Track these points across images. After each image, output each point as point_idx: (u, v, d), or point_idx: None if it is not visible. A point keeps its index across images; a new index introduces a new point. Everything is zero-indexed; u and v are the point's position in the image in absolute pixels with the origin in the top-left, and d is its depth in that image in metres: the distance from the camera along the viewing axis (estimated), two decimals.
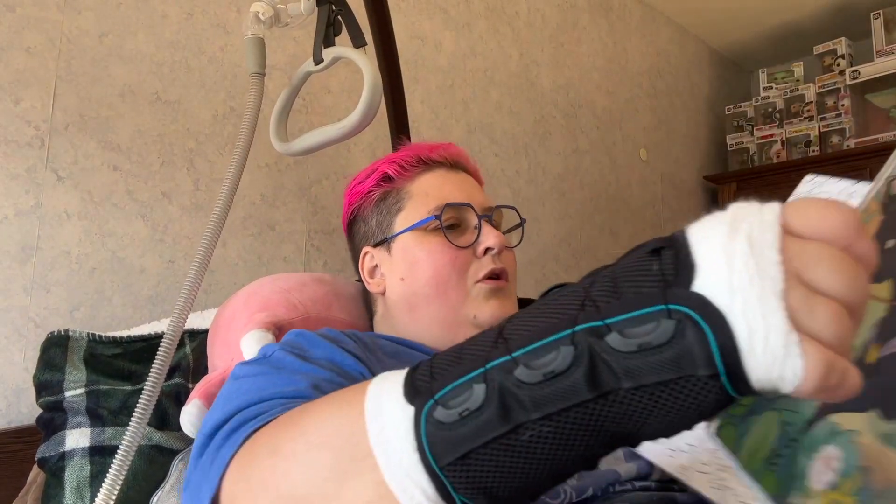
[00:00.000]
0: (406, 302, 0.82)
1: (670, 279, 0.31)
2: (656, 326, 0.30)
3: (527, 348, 0.33)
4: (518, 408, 0.32)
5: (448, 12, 1.92)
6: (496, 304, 0.79)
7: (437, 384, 0.35)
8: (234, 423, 0.53)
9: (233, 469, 0.49)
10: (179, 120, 1.33)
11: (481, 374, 0.33)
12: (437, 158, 0.86)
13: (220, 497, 0.49)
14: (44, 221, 1.14)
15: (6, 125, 1.11)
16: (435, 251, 0.80)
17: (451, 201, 0.81)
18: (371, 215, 0.87)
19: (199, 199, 1.34)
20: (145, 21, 1.30)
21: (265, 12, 0.89)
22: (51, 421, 0.88)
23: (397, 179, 0.86)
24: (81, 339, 0.93)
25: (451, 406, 0.33)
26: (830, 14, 2.79)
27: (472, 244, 0.80)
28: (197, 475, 0.54)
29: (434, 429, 0.34)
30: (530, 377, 0.32)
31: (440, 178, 0.85)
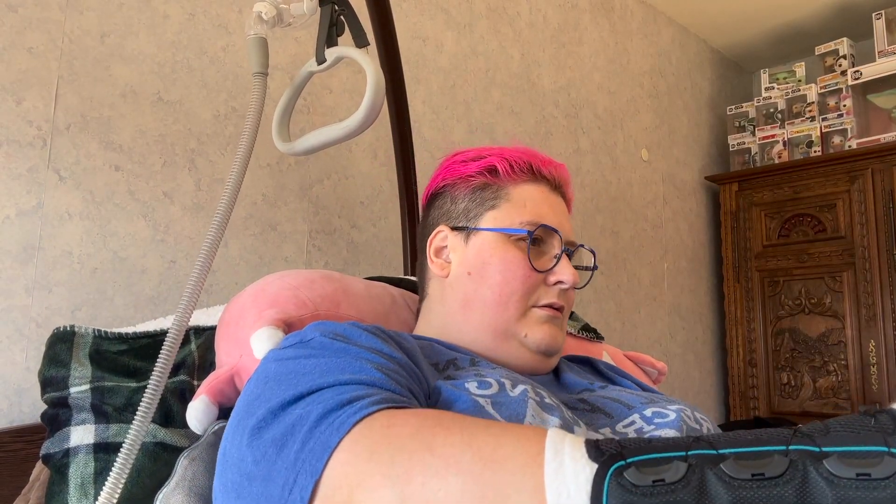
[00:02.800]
0: (465, 296, 0.81)
1: (889, 430, 0.34)
2: (878, 462, 0.32)
3: (736, 449, 0.35)
4: (713, 497, 0.34)
5: (449, 13, 1.92)
6: (548, 330, 0.79)
7: (627, 451, 0.37)
8: (326, 404, 0.52)
9: (353, 450, 0.48)
10: (181, 120, 1.33)
11: (682, 455, 0.36)
12: (545, 174, 0.86)
13: (331, 476, 0.48)
14: (45, 221, 1.14)
15: (8, 125, 1.11)
16: (512, 262, 0.79)
17: (546, 223, 0.81)
18: (462, 198, 0.85)
19: (201, 199, 1.34)
20: (147, 21, 1.30)
21: (268, 12, 0.89)
22: (55, 417, 0.88)
23: (503, 177, 0.84)
24: (87, 336, 0.93)
25: (645, 472, 0.36)
26: (832, 14, 2.79)
27: (546, 270, 0.80)
28: (274, 453, 0.52)
29: (618, 488, 0.36)
30: (737, 472, 0.34)
31: (541, 195, 0.84)
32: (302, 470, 0.50)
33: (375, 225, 1.64)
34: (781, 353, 2.62)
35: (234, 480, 0.57)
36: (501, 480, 0.41)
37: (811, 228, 2.59)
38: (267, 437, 0.54)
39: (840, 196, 2.53)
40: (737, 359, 2.71)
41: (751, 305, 2.69)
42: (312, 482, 0.49)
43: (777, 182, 2.68)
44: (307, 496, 0.49)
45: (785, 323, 2.62)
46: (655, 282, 2.56)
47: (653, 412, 0.70)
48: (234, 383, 0.86)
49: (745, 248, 2.73)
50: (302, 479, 0.50)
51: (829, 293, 2.52)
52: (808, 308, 2.56)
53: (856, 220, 2.47)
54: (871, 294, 2.41)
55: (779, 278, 2.65)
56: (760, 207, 2.72)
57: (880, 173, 2.44)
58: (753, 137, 2.87)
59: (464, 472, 0.43)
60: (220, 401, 0.86)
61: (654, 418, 0.69)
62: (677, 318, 2.66)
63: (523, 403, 0.62)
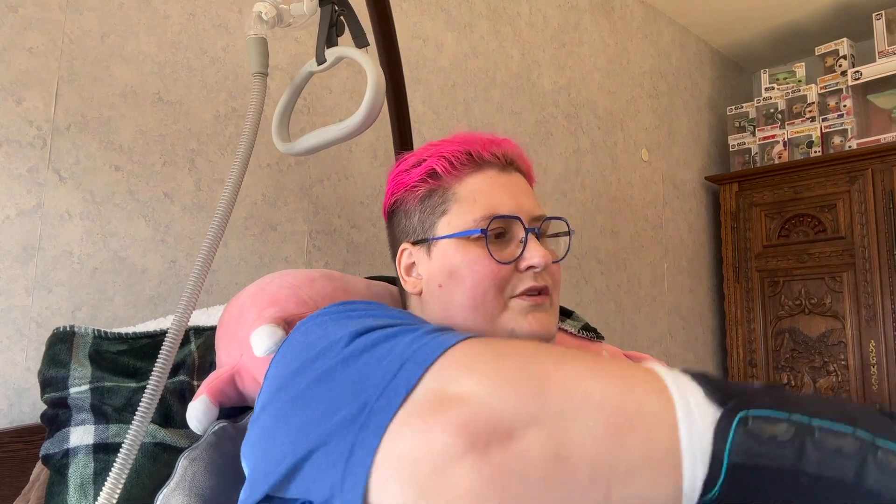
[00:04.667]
0: (443, 308, 0.79)
1: None
2: None
3: (824, 423, 0.43)
4: (807, 459, 0.42)
5: (449, 13, 1.92)
6: (534, 320, 0.76)
7: (744, 402, 0.43)
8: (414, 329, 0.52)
9: (473, 346, 0.48)
10: (181, 120, 1.33)
11: (787, 418, 0.43)
12: (488, 158, 0.81)
13: (445, 366, 0.46)
14: (45, 221, 1.14)
15: (8, 125, 1.11)
16: (475, 262, 0.76)
17: (499, 213, 0.77)
18: (414, 211, 0.82)
19: (201, 200, 1.34)
20: (147, 21, 1.30)
21: (268, 12, 0.89)
22: (55, 417, 0.88)
23: (445, 178, 0.81)
24: (87, 336, 0.93)
25: (762, 427, 0.42)
26: (832, 15, 2.79)
27: (515, 259, 0.77)
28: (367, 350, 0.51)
29: (744, 436, 0.42)
30: (826, 445, 0.42)
31: (490, 182, 0.80)
32: (410, 359, 0.47)
33: (375, 225, 1.64)
34: (781, 353, 2.62)
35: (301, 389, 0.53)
36: (636, 398, 0.44)
37: (811, 228, 2.59)
38: (351, 349, 0.52)
39: (840, 196, 2.52)
40: (737, 359, 2.71)
41: (751, 306, 2.69)
42: (423, 368, 0.46)
43: (777, 182, 2.68)
44: (414, 381, 0.45)
45: (785, 323, 2.62)
46: (655, 282, 2.56)
47: None
48: (235, 383, 0.86)
49: (746, 248, 2.73)
50: (410, 366, 0.47)
51: (829, 293, 2.52)
52: (809, 308, 2.56)
53: (856, 221, 2.47)
54: (871, 294, 2.41)
55: (779, 278, 2.65)
56: (760, 207, 2.72)
57: (880, 173, 2.44)
58: (753, 137, 2.87)
59: (602, 380, 0.45)
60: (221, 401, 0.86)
61: None
62: (677, 319, 2.66)
63: None
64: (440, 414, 0.43)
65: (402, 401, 0.45)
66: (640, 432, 0.42)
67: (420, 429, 0.44)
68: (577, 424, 0.42)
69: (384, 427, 0.45)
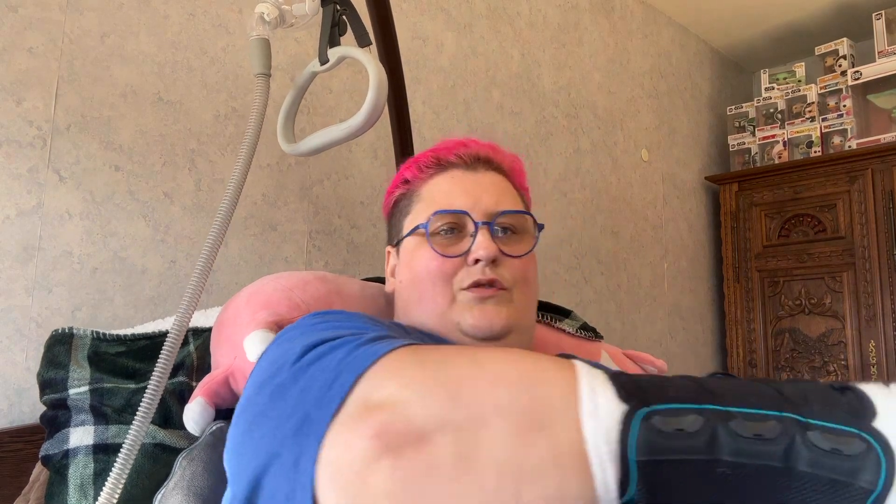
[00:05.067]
0: (405, 304, 0.83)
1: (858, 413, 0.41)
2: (850, 442, 0.40)
3: (743, 409, 0.42)
4: (721, 447, 0.41)
5: (449, 13, 1.92)
6: (478, 313, 0.76)
7: (651, 397, 0.43)
8: (360, 339, 0.53)
9: (400, 357, 0.49)
10: (181, 120, 1.33)
11: (698, 409, 0.42)
12: (452, 159, 0.84)
13: (376, 373, 0.48)
14: (45, 221, 1.13)
15: (8, 125, 1.11)
16: (424, 258, 0.79)
17: (453, 207, 0.79)
18: (392, 217, 0.88)
19: (201, 200, 1.34)
20: (147, 21, 1.30)
21: (270, 13, 0.89)
22: (54, 419, 0.88)
23: (413, 182, 0.85)
24: (85, 337, 0.93)
25: (668, 420, 0.42)
26: (832, 14, 2.79)
27: (464, 253, 0.77)
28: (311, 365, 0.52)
29: (647, 431, 0.41)
30: (743, 431, 0.41)
31: (450, 182, 0.83)
32: (345, 369, 0.49)
33: (375, 225, 1.64)
34: (781, 353, 2.62)
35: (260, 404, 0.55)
36: (546, 399, 0.44)
37: (811, 228, 2.59)
38: (300, 364, 0.54)
39: (840, 196, 2.53)
40: (737, 359, 2.71)
41: (751, 306, 2.70)
42: (354, 377, 0.48)
43: (777, 182, 2.68)
44: (346, 390, 0.47)
45: (785, 323, 2.62)
46: (655, 282, 2.56)
47: None
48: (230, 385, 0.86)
49: (745, 248, 2.73)
50: (344, 376, 0.49)
51: (829, 293, 2.52)
52: (808, 308, 2.57)
53: (856, 221, 2.47)
54: (871, 294, 2.41)
55: (779, 278, 2.65)
56: (760, 207, 2.72)
57: (880, 173, 2.44)
58: (753, 137, 2.87)
59: (514, 383, 0.46)
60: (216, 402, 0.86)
61: None
62: (677, 319, 2.66)
63: None
64: (363, 420, 0.45)
65: (336, 409, 0.46)
66: (548, 433, 0.43)
67: (346, 436, 0.45)
68: (485, 427, 0.43)
69: (322, 435, 0.46)
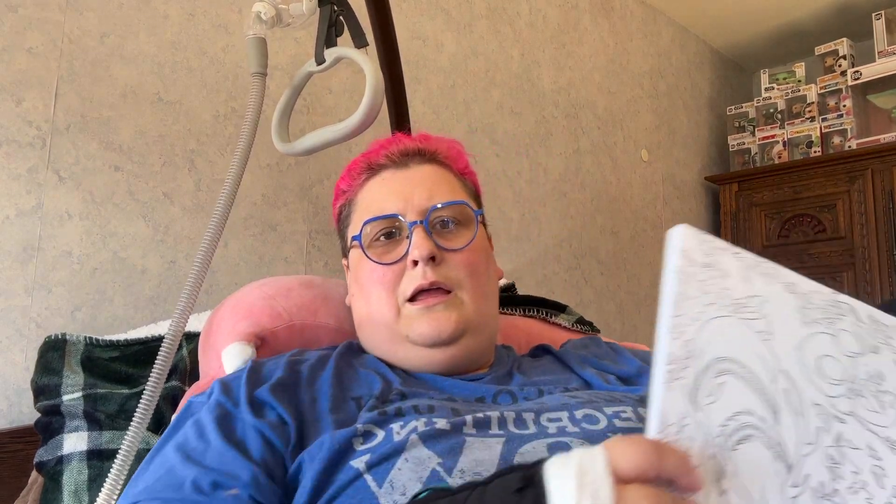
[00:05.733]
0: (358, 317, 0.79)
1: None
2: None
3: None
4: None
5: (449, 13, 1.92)
6: (427, 324, 0.71)
7: None
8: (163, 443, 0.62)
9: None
10: (181, 120, 1.33)
11: None
12: (382, 160, 0.79)
13: None
14: (45, 222, 1.14)
15: (8, 125, 1.11)
16: (365, 270, 0.75)
17: (376, 214, 0.74)
18: (339, 230, 0.85)
19: (201, 200, 1.34)
20: (147, 21, 1.30)
21: (267, 12, 0.89)
22: (48, 425, 0.88)
23: (349, 191, 0.81)
24: (79, 343, 0.93)
25: None
26: (832, 15, 2.79)
27: (402, 257, 0.72)
28: None
29: None
30: None
31: (381, 184, 0.78)
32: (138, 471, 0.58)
33: None
34: None
35: None
36: None
37: (811, 229, 2.59)
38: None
39: (840, 196, 2.52)
40: None
41: None
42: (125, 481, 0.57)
43: (777, 182, 2.68)
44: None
45: None
46: (655, 282, 2.56)
47: (584, 415, 0.62)
48: None
49: (746, 248, 2.72)
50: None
51: None
52: None
53: (856, 221, 2.47)
54: (872, 294, 2.40)
55: None
56: (760, 207, 2.72)
57: (880, 173, 2.44)
58: (753, 138, 2.87)
59: None
60: None
61: (583, 422, 0.61)
62: None
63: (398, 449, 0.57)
64: None
65: None
66: None
67: None
68: None
69: None
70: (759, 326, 0.46)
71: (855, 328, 0.49)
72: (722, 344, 0.45)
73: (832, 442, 0.44)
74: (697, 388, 0.43)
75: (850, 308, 0.49)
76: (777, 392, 0.44)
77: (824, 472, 0.43)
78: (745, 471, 0.42)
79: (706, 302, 0.46)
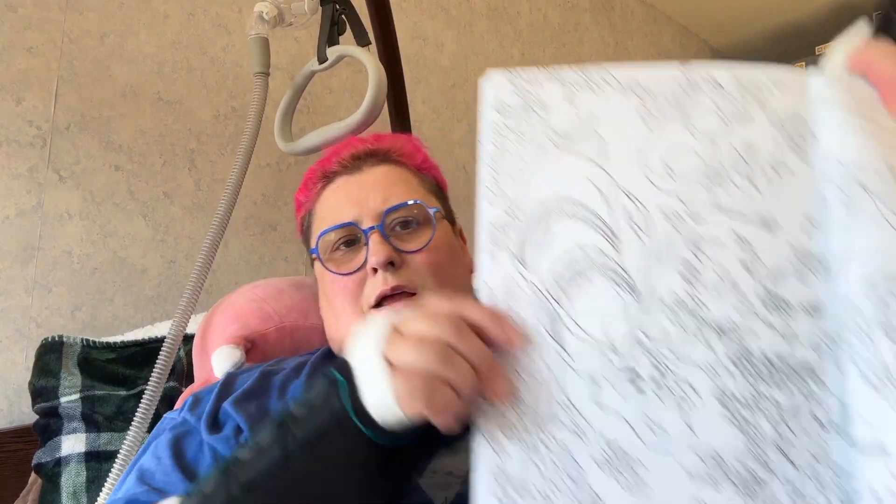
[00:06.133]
0: (328, 329, 0.77)
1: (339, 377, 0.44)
2: (318, 385, 0.45)
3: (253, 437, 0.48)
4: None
5: (450, 12, 1.92)
6: None
7: None
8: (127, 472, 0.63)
9: None
10: (181, 120, 1.33)
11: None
12: (335, 167, 0.76)
13: None
14: (45, 221, 1.13)
15: (8, 125, 1.11)
16: (327, 281, 0.72)
17: (331, 224, 0.72)
18: (304, 243, 0.81)
19: (201, 199, 1.34)
20: (147, 21, 1.30)
21: (269, 12, 0.89)
22: (46, 427, 0.88)
23: (307, 202, 0.79)
24: (76, 345, 0.93)
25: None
26: (832, 14, 2.78)
27: (363, 264, 0.69)
28: None
29: None
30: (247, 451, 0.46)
31: (335, 193, 0.75)
32: None
33: None
34: None
35: None
36: None
37: None
38: None
39: None
40: None
41: None
42: None
43: None
44: None
45: None
46: None
47: None
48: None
49: None
50: None
51: None
52: None
53: None
54: None
55: None
56: None
57: None
58: None
59: None
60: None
61: None
62: None
63: None
64: None
65: None
66: None
67: None
68: None
69: None
70: (591, 152, 0.43)
71: (716, 103, 0.43)
72: (548, 189, 0.43)
73: (688, 248, 0.41)
74: (524, 248, 0.42)
75: (710, 82, 0.44)
76: (617, 217, 0.42)
77: (679, 283, 0.41)
78: (583, 311, 0.41)
79: (527, 151, 0.44)
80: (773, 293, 0.40)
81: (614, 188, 0.42)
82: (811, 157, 0.42)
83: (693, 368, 0.39)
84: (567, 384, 0.40)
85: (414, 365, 0.40)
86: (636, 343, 0.40)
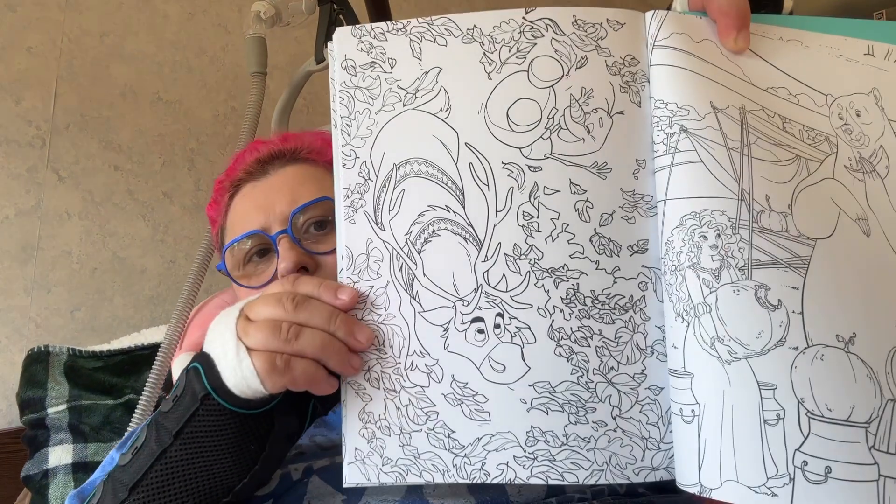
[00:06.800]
0: None
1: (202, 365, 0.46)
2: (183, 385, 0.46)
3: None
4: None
5: (449, 11, 1.91)
6: None
7: None
8: None
9: None
10: (180, 120, 1.33)
11: None
12: (241, 175, 0.72)
13: None
14: (45, 221, 1.13)
15: (7, 125, 1.11)
16: (242, 296, 0.67)
17: (237, 234, 0.67)
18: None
19: (201, 199, 1.34)
20: (146, 21, 1.30)
21: (266, 11, 0.89)
22: (34, 438, 0.88)
23: (217, 217, 0.74)
24: (62, 354, 0.93)
25: None
26: (832, 14, 2.78)
27: (275, 273, 0.64)
28: None
29: None
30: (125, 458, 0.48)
31: (241, 204, 0.70)
32: None
33: None
34: None
35: None
36: None
37: None
38: None
39: None
40: None
41: None
42: None
43: None
44: None
45: None
46: None
47: None
48: None
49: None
50: None
51: None
52: None
53: None
54: None
55: None
56: None
57: None
58: None
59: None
60: None
61: None
62: None
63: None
64: None
65: None
66: None
67: None
68: None
69: None
70: (436, 106, 0.45)
71: (553, 48, 0.44)
72: (398, 148, 0.45)
73: (526, 198, 0.44)
74: (378, 209, 0.45)
75: (548, 23, 0.44)
76: (462, 172, 0.44)
77: (517, 232, 0.44)
78: (434, 266, 0.44)
79: (375, 110, 0.45)
80: (604, 236, 0.43)
81: (459, 142, 0.45)
82: (643, 100, 0.44)
83: (529, 310, 0.44)
84: (421, 334, 0.45)
85: (266, 345, 0.43)
86: (482, 294, 0.44)
